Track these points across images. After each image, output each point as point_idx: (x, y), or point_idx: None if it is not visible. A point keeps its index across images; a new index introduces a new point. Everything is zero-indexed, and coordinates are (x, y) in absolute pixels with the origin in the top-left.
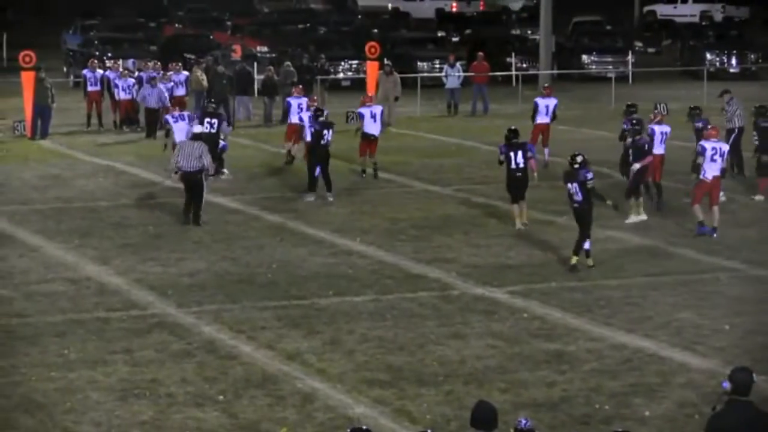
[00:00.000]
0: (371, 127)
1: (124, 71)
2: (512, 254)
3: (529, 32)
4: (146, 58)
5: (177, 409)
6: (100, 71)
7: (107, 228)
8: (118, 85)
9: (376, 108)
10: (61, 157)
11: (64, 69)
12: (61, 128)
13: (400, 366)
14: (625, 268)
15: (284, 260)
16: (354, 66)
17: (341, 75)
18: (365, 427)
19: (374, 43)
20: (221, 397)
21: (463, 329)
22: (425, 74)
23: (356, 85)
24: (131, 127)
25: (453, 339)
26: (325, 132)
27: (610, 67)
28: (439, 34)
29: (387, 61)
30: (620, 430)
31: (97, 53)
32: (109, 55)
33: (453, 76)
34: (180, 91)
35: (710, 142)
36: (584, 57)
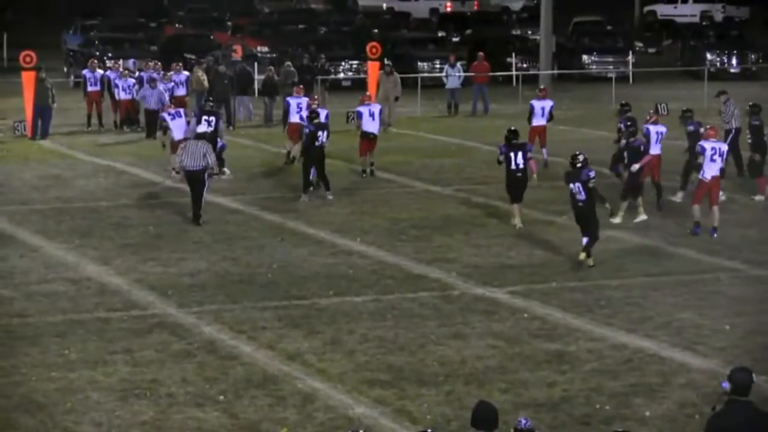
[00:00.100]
0: (370, 125)
1: (124, 71)
2: (513, 254)
3: (529, 32)
4: (147, 58)
5: (177, 410)
6: (100, 71)
7: (108, 228)
8: (119, 86)
9: (374, 106)
10: (61, 157)
11: (65, 69)
12: (62, 128)
13: (400, 366)
14: (626, 268)
15: (284, 260)
16: (354, 66)
17: (342, 75)
18: (362, 430)
19: (375, 43)
20: (222, 397)
21: (463, 329)
22: (426, 74)
23: (357, 85)
24: (131, 127)
25: (453, 339)
26: (319, 134)
27: (611, 67)
28: (440, 34)
29: (387, 61)
30: (620, 430)
31: (97, 53)
32: (110, 55)
33: (453, 76)
34: (180, 91)
35: (710, 142)
36: (585, 57)
